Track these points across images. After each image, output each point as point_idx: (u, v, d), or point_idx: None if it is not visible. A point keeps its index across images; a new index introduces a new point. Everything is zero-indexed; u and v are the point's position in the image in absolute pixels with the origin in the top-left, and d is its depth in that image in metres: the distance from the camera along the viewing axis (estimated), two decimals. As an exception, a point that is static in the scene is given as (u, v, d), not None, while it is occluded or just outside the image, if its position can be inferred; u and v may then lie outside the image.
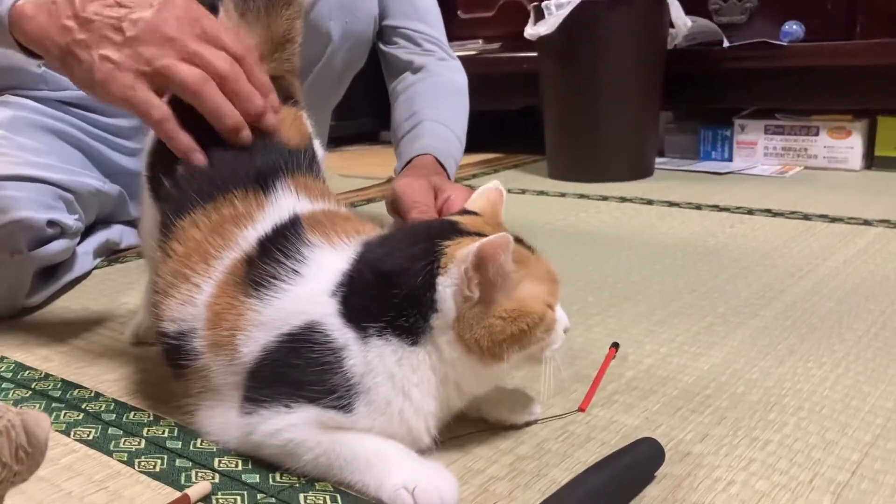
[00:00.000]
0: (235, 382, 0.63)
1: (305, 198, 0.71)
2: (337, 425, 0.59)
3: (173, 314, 0.67)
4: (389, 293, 0.59)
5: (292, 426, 0.59)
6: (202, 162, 0.73)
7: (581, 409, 0.72)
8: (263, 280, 0.62)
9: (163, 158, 0.75)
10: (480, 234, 0.60)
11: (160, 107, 0.73)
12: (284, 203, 0.69)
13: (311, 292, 0.61)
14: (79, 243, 1.15)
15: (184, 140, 0.73)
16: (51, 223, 1.01)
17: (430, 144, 1.18)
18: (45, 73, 1.20)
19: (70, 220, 1.05)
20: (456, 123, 1.26)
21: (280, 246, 0.64)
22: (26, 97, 1.20)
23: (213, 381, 0.64)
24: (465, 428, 0.68)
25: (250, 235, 0.67)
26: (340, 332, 0.59)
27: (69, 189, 1.09)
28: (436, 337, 0.59)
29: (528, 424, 0.70)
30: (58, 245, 1.03)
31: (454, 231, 0.62)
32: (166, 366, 0.70)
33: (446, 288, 0.58)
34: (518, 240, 0.62)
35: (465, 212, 0.67)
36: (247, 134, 0.73)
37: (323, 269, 0.63)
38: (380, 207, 1.71)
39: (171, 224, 0.70)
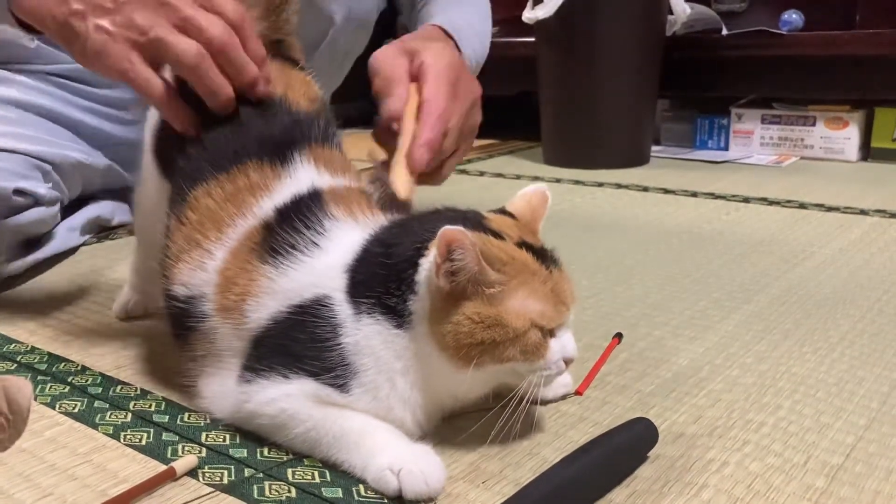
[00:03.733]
0: (239, 349, 0.62)
1: (325, 171, 0.68)
2: (333, 403, 0.58)
3: (184, 278, 0.65)
4: (381, 265, 0.58)
5: (288, 396, 0.58)
6: (198, 134, 0.71)
7: (578, 392, 0.72)
8: (281, 249, 0.61)
9: (173, 137, 0.73)
10: (499, 237, 0.58)
11: (158, 85, 0.71)
12: (303, 175, 0.67)
13: (327, 265, 0.60)
14: (66, 217, 1.14)
15: (183, 118, 0.72)
16: (19, 192, 1.00)
17: (434, 21, 1.03)
18: (39, 47, 1.18)
19: (43, 189, 1.03)
20: (472, 18, 1.10)
21: (301, 216, 0.63)
22: (19, 72, 1.18)
23: (217, 346, 0.63)
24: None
25: (266, 205, 0.65)
26: (341, 307, 0.58)
27: (46, 160, 1.07)
28: (415, 324, 0.57)
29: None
30: (31, 214, 1.02)
31: (472, 222, 0.59)
32: (171, 330, 0.69)
33: (424, 270, 0.56)
34: (537, 250, 0.58)
35: (502, 211, 0.64)
36: (233, 106, 0.71)
37: (343, 244, 0.61)
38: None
39: (184, 194, 0.68)
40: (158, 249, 0.71)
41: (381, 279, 0.58)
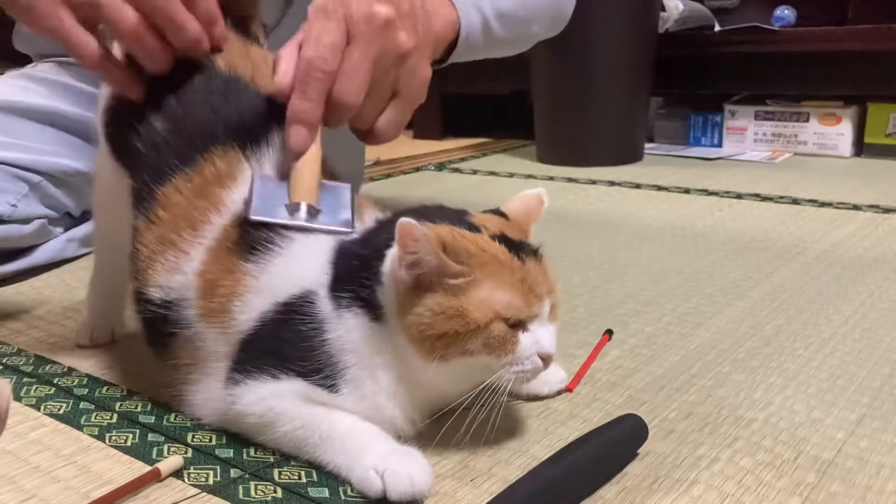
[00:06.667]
0: (224, 353, 0.61)
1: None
2: (323, 402, 0.57)
3: (160, 281, 0.63)
4: (357, 257, 0.58)
5: (277, 395, 0.57)
6: (141, 96, 0.69)
7: (569, 389, 0.71)
8: (260, 245, 0.60)
9: (129, 115, 0.69)
10: (476, 230, 0.57)
11: (90, 45, 0.68)
12: (269, 160, 0.65)
13: (310, 261, 0.59)
14: (71, 227, 1.13)
15: (122, 80, 0.69)
16: None
17: None
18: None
19: (5, 207, 1.00)
20: None
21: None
22: (62, 62, 1.15)
23: (202, 352, 0.62)
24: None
25: (237, 196, 0.63)
26: (325, 302, 0.58)
27: (34, 169, 1.05)
28: (388, 317, 0.56)
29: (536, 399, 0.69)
30: None
31: (455, 218, 0.58)
32: (147, 337, 0.67)
33: (387, 261, 0.56)
34: (513, 242, 0.57)
35: (495, 211, 0.63)
36: (207, 45, 0.68)
37: (325, 239, 0.60)
38: (370, 188, 1.69)
39: (151, 190, 0.66)
40: (125, 258, 0.68)
41: (356, 271, 0.57)
